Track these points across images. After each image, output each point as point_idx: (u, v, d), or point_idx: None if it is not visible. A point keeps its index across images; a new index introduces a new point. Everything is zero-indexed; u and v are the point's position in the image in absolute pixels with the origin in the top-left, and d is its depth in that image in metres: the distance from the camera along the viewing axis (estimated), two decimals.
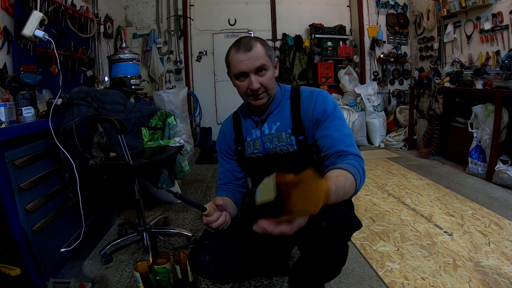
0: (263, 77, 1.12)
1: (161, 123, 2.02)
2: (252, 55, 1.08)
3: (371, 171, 3.18)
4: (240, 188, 1.33)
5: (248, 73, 1.10)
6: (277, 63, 1.21)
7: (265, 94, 1.15)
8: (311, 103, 1.17)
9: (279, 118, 1.22)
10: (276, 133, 1.21)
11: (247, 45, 1.09)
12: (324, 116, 1.14)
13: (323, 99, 1.16)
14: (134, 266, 1.37)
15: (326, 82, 4.55)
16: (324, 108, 1.14)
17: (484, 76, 2.89)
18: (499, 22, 3.22)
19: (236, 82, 1.16)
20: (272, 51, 1.17)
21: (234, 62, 1.11)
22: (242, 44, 1.10)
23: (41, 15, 1.55)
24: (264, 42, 1.15)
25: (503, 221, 2.00)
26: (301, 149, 1.19)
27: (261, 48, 1.11)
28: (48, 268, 1.44)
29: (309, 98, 1.18)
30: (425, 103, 4.36)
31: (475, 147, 2.91)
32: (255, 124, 1.26)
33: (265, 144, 1.23)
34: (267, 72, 1.12)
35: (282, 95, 1.24)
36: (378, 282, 1.47)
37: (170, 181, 1.97)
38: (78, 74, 2.71)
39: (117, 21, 4.02)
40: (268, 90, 1.14)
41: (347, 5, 4.88)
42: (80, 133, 1.54)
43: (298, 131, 1.18)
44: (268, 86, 1.13)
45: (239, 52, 1.09)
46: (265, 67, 1.11)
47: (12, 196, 1.28)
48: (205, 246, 1.20)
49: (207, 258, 1.17)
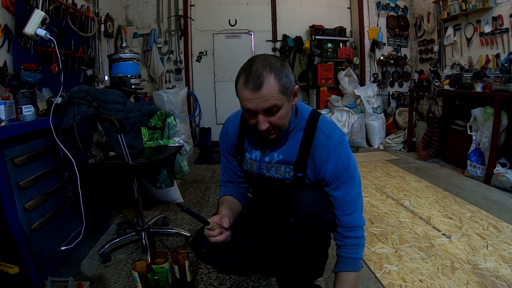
0: (275, 116, 0.97)
1: (161, 123, 2.02)
2: (261, 95, 0.92)
3: (370, 173, 3.18)
4: (243, 185, 1.33)
5: (256, 112, 0.97)
6: (297, 90, 1.04)
7: (276, 131, 1.03)
8: (323, 154, 1.07)
9: (285, 150, 1.13)
10: (276, 163, 1.15)
11: (256, 82, 0.92)
12: (334, 174, 1.07)
13: (338, 155, 1.06)
14: (132, 266, 1.37)
15: (325, 84, 4.56)
16: (336, 166, 1.06)
17: (484, 79, 2.90)
18: (499, 25, 3.23)
19: (244, 113, 1.03)
20: (290, 80, 0.97)
21: (241, 96, 0.97)
22: (251, 79, 0.92)
23: (43, 14, 1.55)
24: (279, 73, 0.94)
25: (501, 224, 2.01)
26: (295, 182, 1.14)
27: (274, 84, 0.93)
28: (46, 267, 1.43)
29: (324, 146, 1.07)
30: (425, 105, 4.37)
31: (474, 149, 2.91)
32: (259, 142, 1.18)
33: (261, 170, 1.18)
34: (279, 111, 0.97)
35: (296, 124, 1.11)
36: (376, 284, 1.48)
37: (169, 181, 1.97)
38: (78, 73, 2.71)
39: (117, 20, 4.02)
40: (280, 127, 1.02)
41: (348, 6, 4.89)
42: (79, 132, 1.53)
43: (300, 168, 1.11)
44: (280, 124, 1.00)
45: (246, 88, 0.93)
46: (276, 107, 0.96)
47: (11, 194, 1.28)
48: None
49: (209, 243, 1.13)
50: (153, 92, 3.85)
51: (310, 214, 1.05)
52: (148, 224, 1.83)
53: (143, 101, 2.94)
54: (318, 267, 1.26)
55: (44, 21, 1.57)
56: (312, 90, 4.77)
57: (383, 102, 4.81)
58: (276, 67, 0.94)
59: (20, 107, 1.41)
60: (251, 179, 1.26)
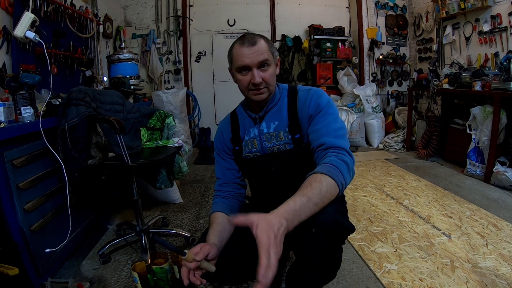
0: (265, 72, 1.14)
1: (160, 123, 2.02)
2: (256, 49, 1.11)
3: (369, 172, 3.18)
4: (240, 188, 1.32)
5: (251, 67, 1.12)
6: (278, 62, 1.23)
7: (266, 89, 1.17)
8: (306, 101, 1.19)
9: (277, 116, 1.24)
10: (275, 132, 1.23)
11: (251, 40, 1.12)
12: (316, 111, 1.16)
13: (318, 96, 1.19)
14: (132, 266, 1.37)
15: (325, 83, 4.56)
16: (318, 103, 1.17)
17: (483, 77, 2.90)
18: (498, 24, 3.24)
19: (238, 76, 1.17)
20: (275, 49, 1.21)
21: (237, 55, 1.13)
22: (247, 39, 1.13)
23: (33, 16, 1.55)
24: (267, 40, 1.18)
25: (501, 222, 2.01)
26: (297, 148, 1.20)
27: (264, 44, 1.14)
28: (46, 268, 1.44)
29: (305, 96, 1.21)
30: (424, 104, 4.37)
31: (474, 148, 2.92)
32: (253, 122, 1.27)
33: (263, 143, 1.24)
34: (269, 68, 1.15)
35: (280, 93, 1.26)
36: (376, 283, 1.48)
37: (169, 181, 1.97)
38: (77, 74, 2.71)
39: (116, 21, 4.02)
40: (269, 85, 1.17)
41: (346, 6, 4.89)
42: (79, 133, 1.54)
43: (295, 129, 1.20)
44: (270, 81, 1.16)
45: (243, 46, 1.12)
46: (267, 62, 1.14)
47: (11, 196, 1.28)
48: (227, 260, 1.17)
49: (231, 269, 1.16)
50: (152, 92, 3.85)
51: (332, 223, 0.99)
52: (147, 225, 1.83)
53: (142, 102, 2.94)
54: (333, 272, 1.20)
55: (34, 23, 1.56)
56: None
57: (382, 101, 4.81)
58: (264, 37, 1.18)
59: (19, 108, 1.42)
60: (252, 166, 1.27)
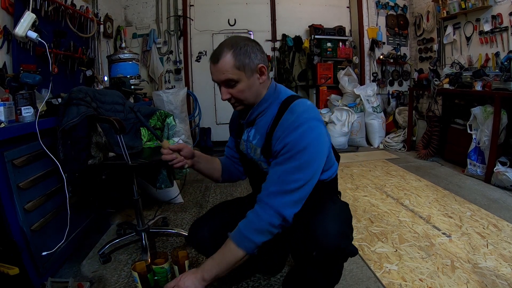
0: (234, 89, 1.05)
1: (160, 123, 2.02)
2: (218, 68, 1.02)
3: (370, 172, 3.18)
4: (236, 165, 1.34)
5: (219, 83, 1.06)
6: (264, 69, 1.06)
7: (239, 104, 1.09)
8: (284, 132, 1.01)
9: (261, 130, 1.12)
10: (255, 145, 1.15)
11: (215, 57, 1.02)
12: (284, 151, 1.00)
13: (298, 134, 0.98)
14: (132, 266, 1.37)
15: (325, 83, 4.56)
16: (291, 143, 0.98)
17: (483, 77, 2.90)
18: (498, 24, 3.23)
19: None
20: (250, 58, 1.02)
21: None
22: (213, 54, 1.04)
23: (34, 16, 1.55)
24: (238, 51, 1.01)
25: (502, 222, 2.01)
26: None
27: (230, 60, 1.00)
28: (46, 268, 1.44)
29: (287, 125, 1.01)
30: (424, 104, 4.37)
31: (474, 148, 2.91)
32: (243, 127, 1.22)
33: (248, 149, 1.19)
34: (238, 85, 1.04)
35: (272, 103, 1.11)
36: (376, 283, 1.48)
37: (169, 181, 1.97)
38: (77, 74, 2.71)
39: (117, 21, 4.02)
40: (241, 101, 1.08)
41: (347, 6, 4.88)
42: (79, 133, 1.54)
43: (268, 153, 1.09)
44: (240, 97, 1.06)
45: (210, 61, 1.05)
46: (233, 81, 1.03)
47: (11, 196, 1.28)
48: (205, 223, 1.24)
49: (205, 234, 1.20)
50: (152, 92, 3.85)
51: (335, 250, 0.97)
52: (148, 225, 1.83)
53: (143, 102, 2.94)
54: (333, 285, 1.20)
55: (34, 23, 1.56)
56: (312, 89, 4.76)
57: (382, 101, 4.81)
58: (239, 46, 1.01)
59: (19, 108, 1.41)
60: (244, 163, 1.29)
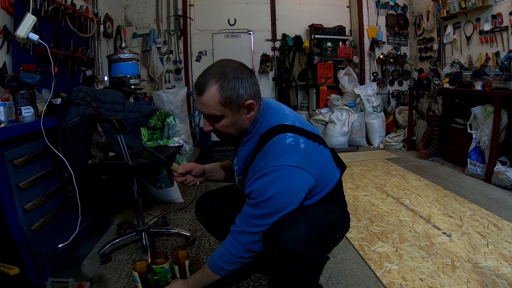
0: (217, 124, 0.98)
1: (160, 123, 2.02)
2: (202, 101, 0.94)
3: (370, 172, 3.18)
4: None
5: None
6: (253, 106, 0.96)
7: (221, 137, 1.05)
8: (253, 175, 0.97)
9: (241, 161, 1.10)
10: (236, 171, 1.16)
11: (199, 88, 0.93)
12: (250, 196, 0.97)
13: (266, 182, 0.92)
14: (132, 266, 1.37)
15: (325, 83, 4.56)
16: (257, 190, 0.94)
17: (484, 77, 2.89)
18: (498, 23, 3.23)
19: None
20: (238, 94, 0.92)
21: None
22: (198, 84, 0.94)
23: (35, 19, 1.56)
24: (225, 85, 0.90)
25: (502, 222, 2.01)
26: None
27: (214, 95, 0.91)
28: (46, 268, 1.44)
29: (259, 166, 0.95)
30: (425, 104, 4.36)
31: (474, 148, 2.91)
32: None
33: (236, 172, 1.19)
34: (222, 120, 0.96)
35: (251, 136, 1.05)
36: (376, 283, 1.48)
37: (169, 181, 1.97)
38: (77, 74, 2.71)
39: (117, 20, 4.02)
40: (224, 135, 1.02)
41: (347, 5, 4.89)
42: (79, 132, 1.54)
43: (244, 186, 1.07)
44: (223, 131, 1.00)
45: (194, 90, 0.99)
46: (216, 117, 0.95)
47: (11, 196, 1.28)
48: (210, 196, 1.36)
49: (208, 204, 1.33)
50: (152, 92, 3.84)
51: (293, 255, 0.91)
52: (148, 225, 1.83)
53: (143, 101, 2.94)
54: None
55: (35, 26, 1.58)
56: (312, 89, 4.76)
57: (383, 100, 4.81)
58: (228, 78, 0.91)
59: (19, 108, 1.41)
60: None
